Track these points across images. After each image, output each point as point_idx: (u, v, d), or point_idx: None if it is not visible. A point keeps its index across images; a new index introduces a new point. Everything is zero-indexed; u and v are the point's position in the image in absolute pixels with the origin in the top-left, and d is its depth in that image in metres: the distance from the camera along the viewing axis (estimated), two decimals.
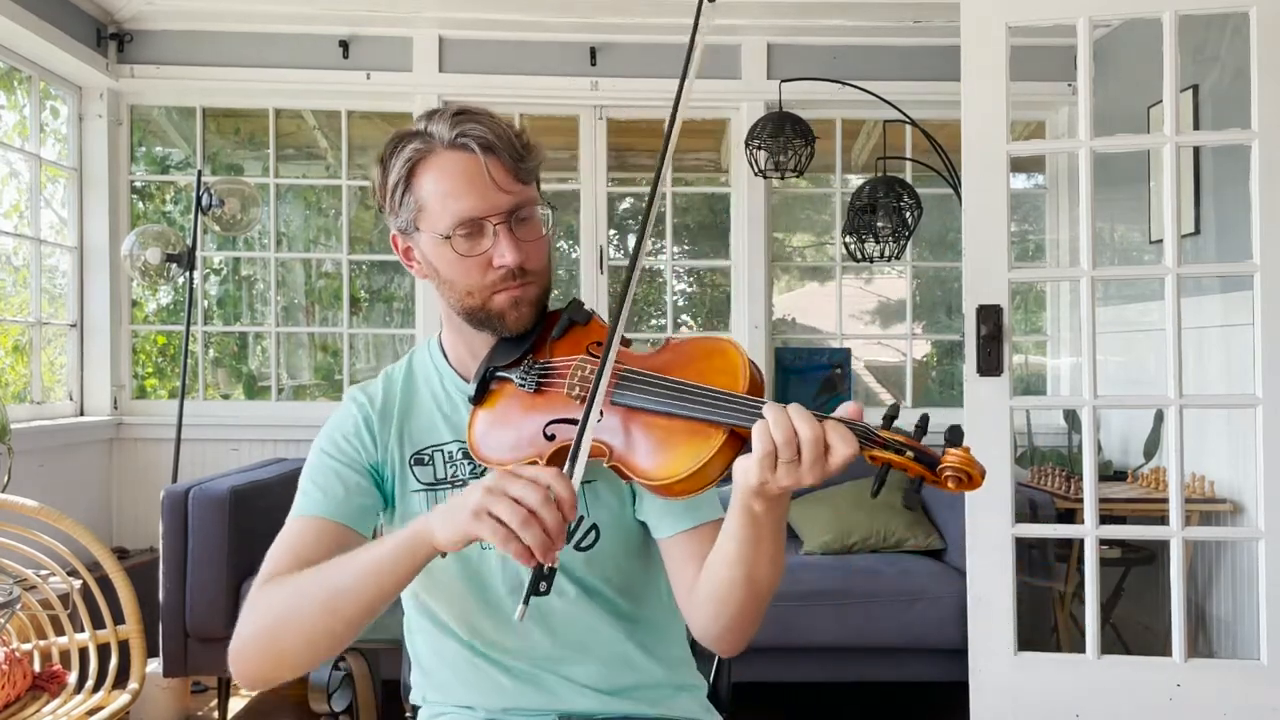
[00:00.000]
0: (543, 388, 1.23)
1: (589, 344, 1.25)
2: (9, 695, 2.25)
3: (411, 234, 1.27)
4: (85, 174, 3.95)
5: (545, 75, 3.99)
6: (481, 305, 1.25)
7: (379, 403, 1.35)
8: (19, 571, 2.59)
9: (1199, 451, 3.09)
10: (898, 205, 3.48)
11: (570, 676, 1.32)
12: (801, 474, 1.01)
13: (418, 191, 1.24)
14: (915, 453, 1.01)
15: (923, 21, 3.91)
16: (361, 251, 4.48)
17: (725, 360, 1.14)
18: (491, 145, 1.21)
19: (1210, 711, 2.55)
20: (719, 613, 1.19)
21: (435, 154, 1.23)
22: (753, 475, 1.02)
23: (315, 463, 1.32)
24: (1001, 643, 2.62)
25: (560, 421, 1.19)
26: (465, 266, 1.23)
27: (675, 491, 1.10)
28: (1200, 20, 3.09)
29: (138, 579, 2.69)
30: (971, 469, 1.00)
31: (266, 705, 3.40)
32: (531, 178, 1.26)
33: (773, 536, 1.12)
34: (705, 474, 1.08)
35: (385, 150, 1.26)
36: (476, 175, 1.21)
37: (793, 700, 3.40)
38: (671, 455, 1.10)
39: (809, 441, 1.00)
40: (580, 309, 1.28)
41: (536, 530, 1.00)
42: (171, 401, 3.83)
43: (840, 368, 4.14)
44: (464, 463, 1.31)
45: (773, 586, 1.17)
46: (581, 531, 1.29)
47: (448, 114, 1.24)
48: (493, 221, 1.22)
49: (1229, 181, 3.10)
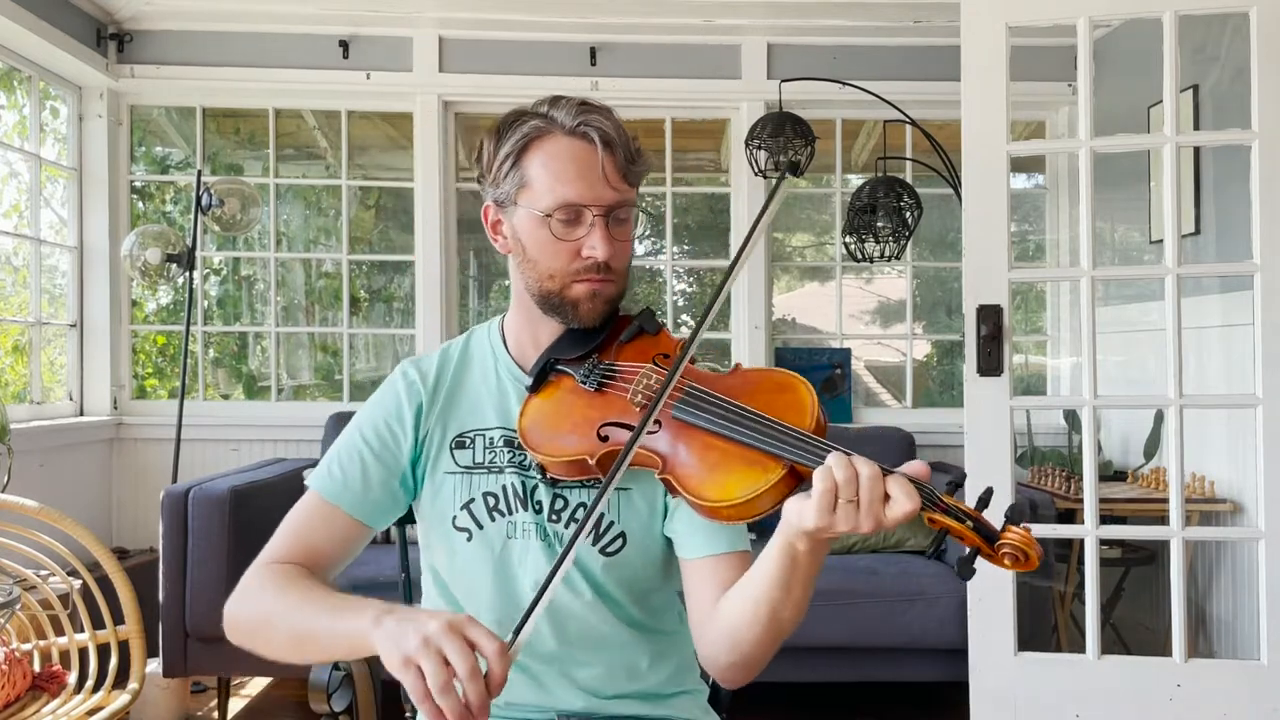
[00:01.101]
0: (604, 388, 1.24)
1: (655, 355, 1.26)
2: (9, 695, 2.25)
3: (508, 207, 1.29)
4: (85, 174, 3.95)
5: (545, 75, 3.99)
6: (559, 290, 1.27)
7: (430, 379, 1.35)
8: (19, 571, 2.58)
9: (1199, 451, 3.09)
10: (898, 205, 3.48)
11: (573, 677, 1.31)
12: (859, 519, 1.01)
13: (527, 167, 1.25)
14: (975, 524, 1.01)
15: (923, 21, 3.91)
16: (361, 251, 4.49)
17: (795, 397, 1.15)
18: (611, 141, 1.24)
19: (1210, 711, 2.54)
20: (734, 645, 1.19)
21: (553, 136, 1.25)
22: (809, 515, 1.02)
23: (349, 440, 1.33)
24: (1001, 643, 2.62)
25: (616, 425, 1.20)
26: (554, 249, 1.25)
27: (722, 515, 1.10)
28: (1200, 20, 3.09)
29: (138, 579, 2.69)
30: (1030, 549, 0.99)
31: (266, 705, 3.40)
32: (637, 182, 1.29)
33: (804, 582, 1.12)
34: (756, 505, 1.08)
35: (503, 121, 1.28)
36: (590, 165, 1.24)
37: (792, 700, 3.40)
38: (726, 479, 1.09)
39: (868, 481, 1.00)
40: (652, 319, 1.30)
41: (450, 700, 0.97)
42: (171, 401, 3.83)
43: (840, 368, 4.14)
44: (504, 450, 1.31)
45: (792, 629, 1.17)
46: (609, 536, 1.29)
47: (573, 103, 1.26)
48: (593, 212, 1.24)
49: (1229, 181, 3.10)
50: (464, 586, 1.33)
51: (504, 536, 1.29)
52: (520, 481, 1.30)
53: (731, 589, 1.20)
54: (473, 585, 1.32)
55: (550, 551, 1.28)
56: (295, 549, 1.27)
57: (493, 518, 1.30)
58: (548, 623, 1.29)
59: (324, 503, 1.29)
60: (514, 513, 1.30)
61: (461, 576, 1.33)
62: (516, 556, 1.29)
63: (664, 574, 1.33)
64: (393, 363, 4.83)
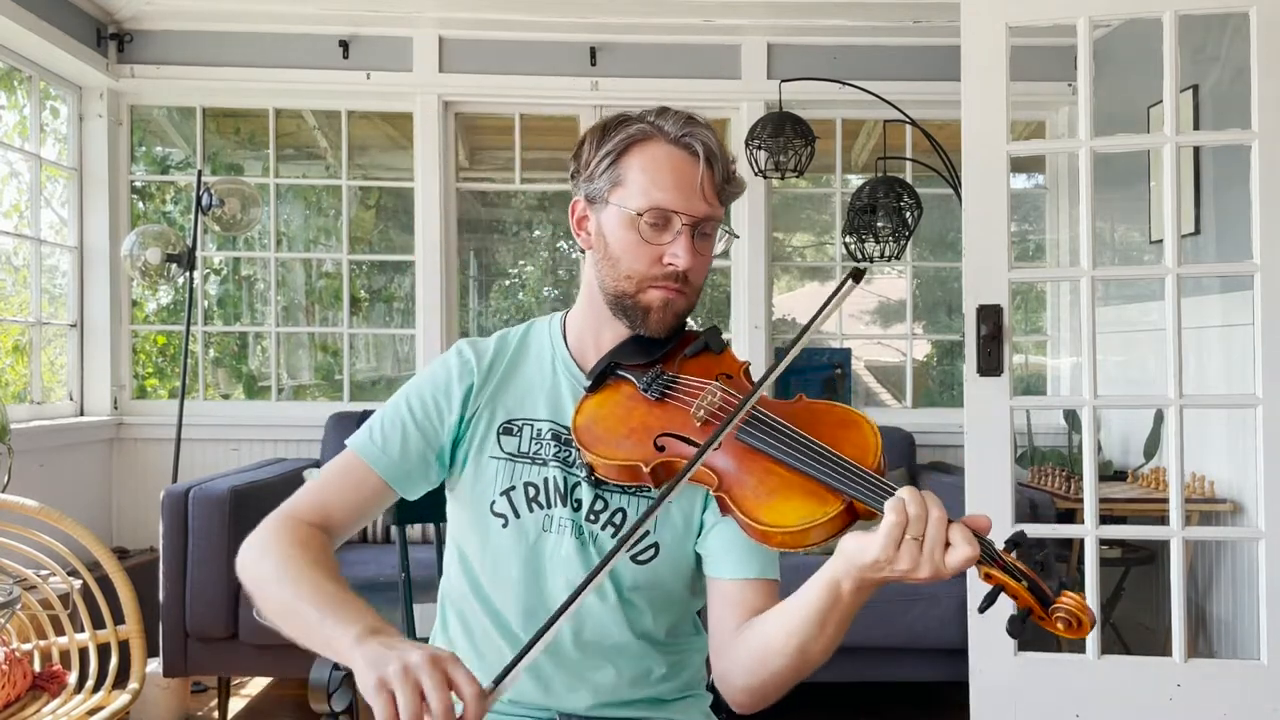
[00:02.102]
0: (666, 399, 1.24)
1: (719, 373, 1.27)
2: (9, 695, 2.25)
3: (598, 203, 1.30)
4: (85, 174, 3.95)
5: (545, 75, 3.99)
6: (634, 293, 1.28)
7: (487, 359, 1.36)
8: (19, 571, 2.58)
9: (1199, 451, 3.09)
10: (898, 205, 3.48)
11: (583, 679, 1.31)
12: (920, 559, 1.01)
13: (625, 166, 1.27)
14: (1031, 584, 1.00)
15: (923, 21, 3.91)
16: (361, 251, 4.49)
17: (859, 435, 1.15)
18: (712, 156, 1.27)
19: (1210, 711, 2.54)
20: (755, 672, 1.19)
21: (656, 142, 1.28)
22: (872, 547, 1.02)
23: (394, 406, 1.34)
24: (1001, 643, 2.62)
25: (674, 437, 1.20)
26: (638, 251, 1.27)
27: (774, 541, 1.10)
28: (1200, 20, 3.09)
29: (138, 579, 2.69)
30: (1084, 616, 0.99)
31: (266, 705, 3.40)
32: (728, 202, 1.31)
33: (840, 622, 1.12)
34: (808, 535, 1.08)
35: (608, 121, 1.31)
36: (688, 175, 1.26)
37: (792, 700, 3.39)
38: (783, 506, 1.09)
39: (936, 522, 1.01)
40: (718, 337, 1.32)
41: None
42: (171, 401, 3.83)
43: (840, 368, 4.15)
44: (551, 443, 1.31)
45: (818, 666, 1.17)
46: (643, 545, 1.29)
47: (681, 115, 1.29)
48: (683, 220, 1.26)
49: (1229, 181, 3.10)
50: (492, 573, 1.32)
51: (539, 529, 1.29)
52: (563, 477, 1.30)
53: (763, 616, 1.20)
54: (502, 573, 1.31)
55: (583, 550, 1.28)
56: (319, 505, 1.29)
57: (530, 509, 1.30)
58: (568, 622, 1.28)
59: (360, 463, 1.30)
60: (552, 506, 1.30)
61: (491, 563, 1.32)
62: (549, 550, 1.29)
63: (689, 589, 1.33)
64: (393, 363, 4.84)
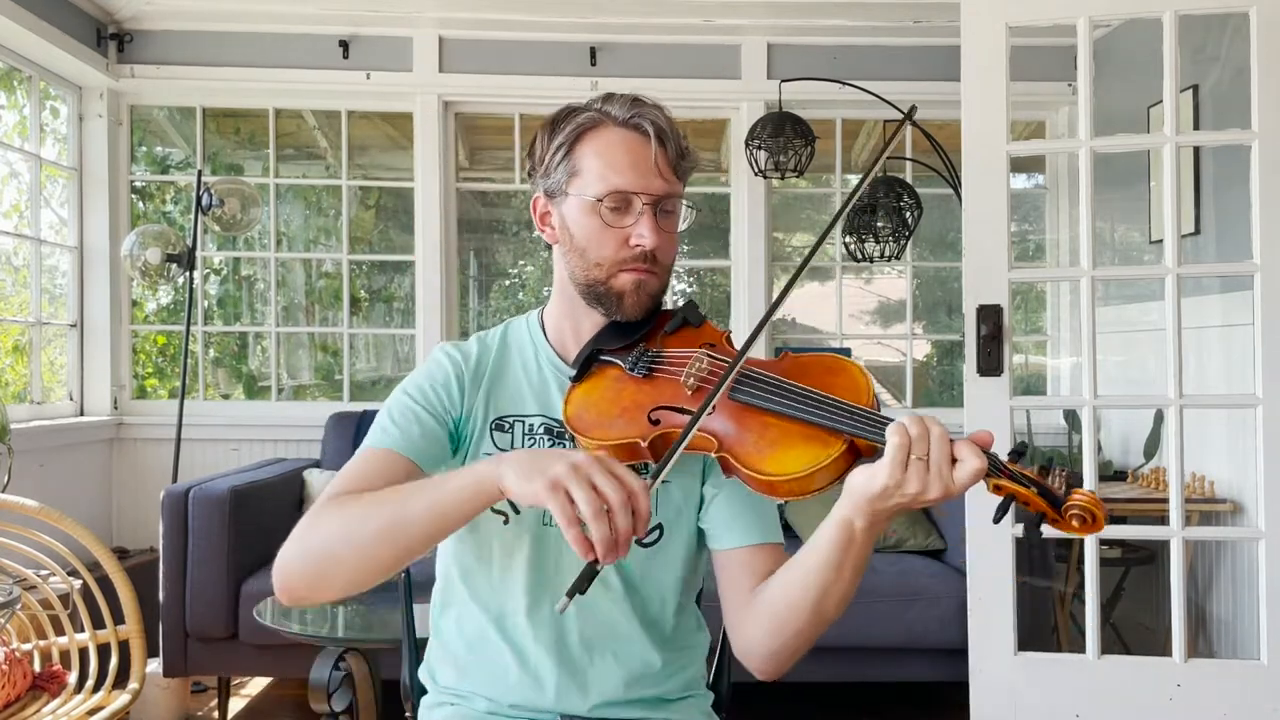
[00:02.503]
0: (654, 374, 1.25)
1: (702, 343, 1.28)
2: (9, 695, 2.25)
3: (557, 197, 1.31)
4: (85, 174, 3.95)
5: (545, 75, 3.99)
6: (605, 279, 1.28)
7: (472, 361, 1.36)
8: (19, 571, 2.59)
9: (1199, 451, 3.09)
10: (898, 205, 3.48)
11: (586, 677, 1.30)
12: (929, 478, 1.02)
13: (578, 157, 1.28)
14: (1041, 489, 1.02)
15: (923, 21, 3.91)
16: (361, 251, 4.49)
17: (849, 378, 1.16)
18: (663, 133, 1.28)
19: (1210, 711, 2.54)
20: (776, 632, 1.20)
21: (606, 127, 1.29)
22: (880, 477, 1.03)
23: (397, 402, 1.32)
24: (1001, 643, 2.62)
25: (668, 409, 1.21)
26: (603, 237, 1.27)
27: (780, 491, 1.11)
28: (1200, 20, 3.09)
29: (138, 579, 2.69)
30: (1098, 510, 1.00)
31: (266, 705, 3.40)
32: (685, 176, 1.32)
33: (855, 565, 1.13)
34: (814, 479, 1.09)
35: (557, 115, 1.32)
36: (642, 155, 1.27)
37: (792, 700, 3.40)
38: (787, 454, 1.10)
39: (938, 439, 1.02)
40: (695, 310, 1.33)
41: (604, 526, 0.99)
42: (171, 401, 3.83)
43: None
44: (544, 438, 1.32)
45: (835, 617, 1.18)
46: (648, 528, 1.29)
47: (626, 98, 1.31)
48: (643, 200, 1.26)
49: (1229, 181, 3.10)
50: (500, 570, 1.31)
51: (539, 522, 1.29)
52: None
53: (776, 574, 1.21)
54: (509, 569, 1.31)
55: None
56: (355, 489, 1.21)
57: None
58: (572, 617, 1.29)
59: (383, 453, 1.26)
60: None
61: (498, 560, 1.31)
62: (554, 541, 1.29)
63: (691, 571, 1.34)
64: (393, 363, 4.83)
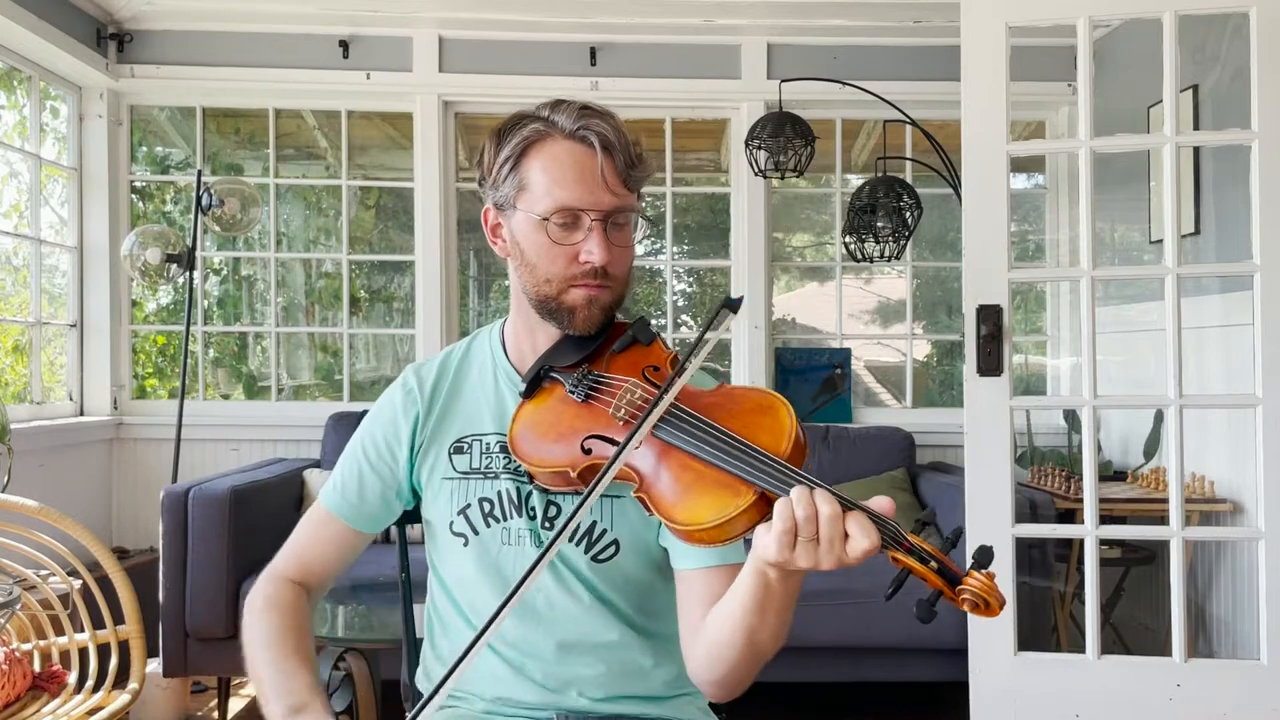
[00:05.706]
0: (591, 400, 1.22)
1: (645, 367, 1.24)
2: (9, 695, 2.25)
3: (506, 210, 1.28)
4: (85, 174, 3.95)
5: (545, 75, 3.99)
6: (556, 295, 1.26)
7: (429, 385, 1.37)
8: (19, 571, 2.58)
9: (1199, 451, 3.09)
10: (898, 205, 3.48)
11: (576, 677, 1.31)
12: (819, 556, 1.01)
13: (525, 171, 1.25)
14: (939, 565, 0.99)
15: (923, 21, 3.91)
16: (361, 251, 4.48)
17: (774, 420, 1.11)
18: (610, 145, 1.23)
19: (1210, 711, 2.54)
20: (714, 662, 1.19)
21: (553, 139, 1.25)
22: (770, 550, 1.01)
23: (350, 451, 1.39)
24: (1001, 643, 2.62)
25: (599, 438, 1.18)
26: (552, 254, 1.24)
27: (696, 539, 1.08)
28: (1200, 20, 3.09)
29: (138, 579, 2.68)
30: (991, 598, 0.97)
31: None
32: (637, 187, 1.28)
33: (779, 609, 1.11)
34: (728, 529, 1.06)
35: (503, 125, 1.28)
36: (589, 169, 1.23)
37: (792, 700, 3.40)
38: (698, 502, 1.07)
39: (827, 519, 1.00)
40: (645, 328, 1.27)
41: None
42: (171, 401, 3.83)
43: (840, 368, 4.14)
44: (500, 455, 1.31)
45: (772, 652, 1.16)
46: (602, 544, 1.28)
47: (574, 107, 1.26)
48: (591, 217, 1.23)
49: (1229, 181, 3.10)
50: (466, 593, 1.33)
51: (499, 543, 1.29)
52: (515, 488, 1.30)
53: (714, 609, 1.19)
54: (473, 591, 1.32)
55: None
56: (298, 562, 1.37)
57: (488, 524, 1.30)
58: (540, 625, 1.29)
59: (329, 516, 1.37)
60: (509, 519, 1.30)
61: (463, 583, 1.33)
62: (511, 563, 1.29)
63: (664, 577, 1.33)
64: (393, 363, 4.83)
